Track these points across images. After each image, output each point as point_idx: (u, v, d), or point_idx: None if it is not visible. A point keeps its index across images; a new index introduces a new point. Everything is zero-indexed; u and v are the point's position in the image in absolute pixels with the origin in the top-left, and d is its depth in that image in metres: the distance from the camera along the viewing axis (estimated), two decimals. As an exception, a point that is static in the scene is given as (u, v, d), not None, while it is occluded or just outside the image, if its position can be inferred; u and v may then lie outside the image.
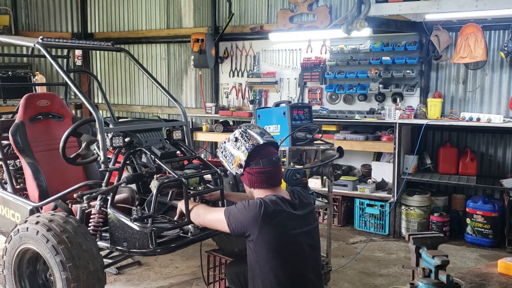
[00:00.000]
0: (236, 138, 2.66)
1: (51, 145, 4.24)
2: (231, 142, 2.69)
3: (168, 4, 7.80)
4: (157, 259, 4.67)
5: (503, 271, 2.15)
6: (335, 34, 6.09)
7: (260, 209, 2.43)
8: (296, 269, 2.51)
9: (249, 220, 2.43)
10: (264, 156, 2.58)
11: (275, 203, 2.48)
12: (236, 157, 2.62)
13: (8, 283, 3.36)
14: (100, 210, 3.38)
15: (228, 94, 7.34)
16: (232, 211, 2.53)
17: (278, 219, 2.45)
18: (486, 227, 5.20)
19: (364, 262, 4.75)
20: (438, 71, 5.89)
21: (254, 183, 2.59)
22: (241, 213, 2.48)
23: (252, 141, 2.59)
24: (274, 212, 2.45)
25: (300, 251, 2.53)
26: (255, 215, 2.43)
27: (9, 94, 6.47)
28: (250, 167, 2.58)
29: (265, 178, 2.58)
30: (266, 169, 2.57)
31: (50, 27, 8.53)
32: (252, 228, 2.43)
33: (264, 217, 2.42)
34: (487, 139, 5.72)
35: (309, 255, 2.57)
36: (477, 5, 4.51)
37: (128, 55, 4.51)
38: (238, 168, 2.61)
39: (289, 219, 2.50)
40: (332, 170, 3.68)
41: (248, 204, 2.50)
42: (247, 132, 2.65)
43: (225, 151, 2.71)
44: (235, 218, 2.49)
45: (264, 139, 2.62)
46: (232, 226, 2.50)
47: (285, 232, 2.47)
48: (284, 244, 2.47)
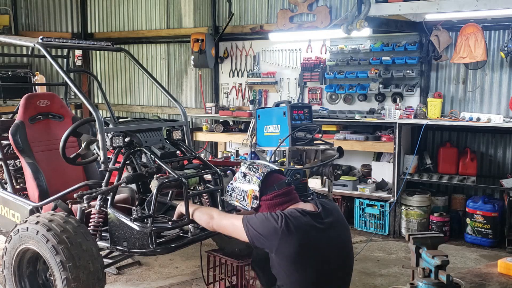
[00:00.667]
0: (244, 173, 2.67)
1: (51, 145, 4.24)
2: (238, 180, 2.70)
3: (168, 4, 7.80)
4: (157, 259, 4.67)
5: (503, 271, 2.15)
6: (335, 34, 6.09)
7: (281, 222, 2.39)
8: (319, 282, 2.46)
9: (269, 232, 2.40)
10: (276, 181, 2.62)
11: (295, 216, 2.44)
12: (249, 190, 2.62)
13: (8, 283, 3.36)
14: (100, 210, 3.39)
15: (228, 94, 7.34)
16: (251, 221, 2.49)
17: (299, 231, 2.40)
18: (486, 227, 5.19)
19: (364, 262, 4.75)
20: (438, 71, 5.89)
21: (273, 207, 2.58)
22: (261, 224, 2.44)
23: (261, 170, 2.62)
24: (294, 224, 2.40)
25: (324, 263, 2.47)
26: (275, 228, 2.39)
27: (9, 94, 6.48)
28: (266, 195, 2.59)
29: (283, 199, 2.58)
30: (282, 191, 2.59)
31: (50, 27, 8.53)
32: (272, 241, 2.39)
33: (284, 229, 2.38)
34: (487, 139, 5.72)
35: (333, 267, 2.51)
36: (477, 5, 4.51)
37: (128, 55, 4.51)
38: (253, 200, 2.60)
39: (310, 231, 2.44)
40: (332, 170, 3.68)
41: (269, 215, 2.46)
42: (254, 165, 2.69)
43: (234, 191, 2.72)
44: (254, 229, 2.45)
45: (271, 167, 2.67)
46: (250, 236, 2.47)
47: (306, 244, 2.41)
48: (306, 257, 2.42)
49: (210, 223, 2.80)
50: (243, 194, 2.64)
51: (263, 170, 2.62)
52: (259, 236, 2.43)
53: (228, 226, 2.66)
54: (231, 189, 2.75)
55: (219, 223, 2.73)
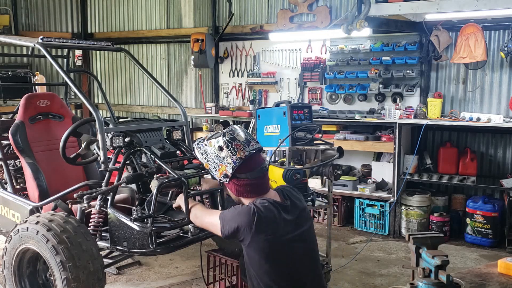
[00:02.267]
0: (220, 147, 2.46)
1: (51, 145, 4.24)
2: (213, 148, 2.49)
3: (168, 4, 7.81)
4: (157, 259, 4.67)
5: (503, 271, 2.15)
6: (335, 34, 6.09)
7: (253, 216, 2.36)
8: (291, 275, 2.47)
9: (242, 225, 2.38)
10: (252, 168, 2.46)
11: (267, 208, 2.41)
12: (221, 166, 2.48)
13: (8, 283, 3.36)
14: (100, 210, 3.39)
15: (228, 94, 7.34)
16: (226, 217, 2.47)
17: (270, 225, 2.39)
18: (486, 227, 5.19)
19: (364, 262, 4.75)
20: (438, 71, 5.89)
21: (241, 193, 2.51)
22: (234, 218, 2.43)
23: (239, 153, 2.43)
24: (267, 218, 2.39)
25: (294, 256, 2.47)
26: (248, 221, 2.37)
27: (9, 94, 6.49)
28: (237, 179, 2.47)
29: (253, 189, 2.50)
30: (254, 181, 2.48)
31: (50, 27, 8.54)
32: (245, 234, 2.38)
33: (257, 223, 2.36)
34: (487, 139, 5.72)
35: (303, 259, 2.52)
36: (477, 5, 4.51)
37: (128, 55, 4.51)
38: (223, 177, 2.50)
39: (281, 224, 2.43)
40: (332, 170, 3.68)
41: (241, 209, 2.44)
42: (234, 142, 2.45)
43: (206, 155, 2.54)
44: (228, 223, 2.44)
45: (251, 147, 2.47)
46: (225, 231, 2.45)
47: (277, 238, 2.41)
48: (277, 251, 2.42)
49: (196, 222, 2.83)
50: (215, 165, 2.50)
51: (240, 155, 2.42)
52: (232, 230, 2.42)
53: (208, 223, 2.66)
54: (204, 150, 2.55)
55: (201, 222, 2.75)
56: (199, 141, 2.60)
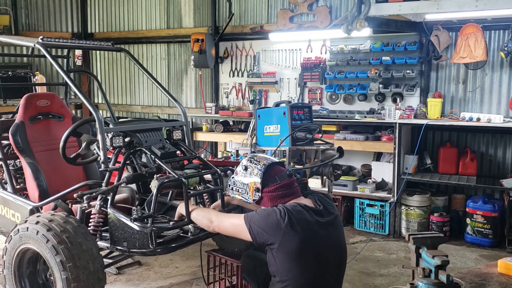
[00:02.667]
0: (245, 166, 2.67)
1: (51, 145, 4.24)
2: (240, 173, 2.71)
3: (168, 4, 7.80)
4: (157, 259, 4.67)
5: (503, 271, 2.15)
6: (335, 34, 6.09)
7: (284, 217, 2.39)
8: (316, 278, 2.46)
9: (272, 228, 2.39)
10: (279, 171, 2.63)
11: (298, 211, 2.45)
12: (250, 183, 2.62)
13: (8, 283, 3.36)
14: (100, 210, 3.39)
15: (228, 94, 7.33)
16: (254, 218, 2.48)
17: (301, 226, 2.41)
18: (486, 227, 5.19)
19: (364, 262, 4.75)
20: (438, 71, 5.89)
21: (276, 199, 2.58)
22: (264, 220, 2.43)
23: (262, 162, 2.62)
24: (297, 219, 2.41)
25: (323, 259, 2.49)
26: (278, 223, 2.39)
27: (9, 94, 6.49)
28: (268, 187, 2.59)
29: (286, 191, 2.58)
30: (284, 182, 2.59)
31: (50, 27, 8.53)
32: (275, 236, 2.39)
33: (288, 224, 2.38)
34: (487, 139, 5.72)
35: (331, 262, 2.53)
36: (477, 5, 4.51)
37: (128, 55, 4.51)
38: (255, 193, 2.60)
39: (312, 226, 2.45)
40: (332, 170, 3.68)
41: (271, 210, 2.46)
42: (255, 157, 2.69)
43: (236, 185, 2.72)
44: (257, 226, 2.44)
45: (271, 159, 2.68)
46: (254, 234, 2.45)
47: (308, 240, 2.42)
48: (307, 252, 2.43)
49: (211, 226, 2.79)
50: (245, 187, 2.64)
51: (264, 162, 2.63)
52: (262, 232, 2.42)
53: (229, 226, 2.65)
54: (233, 182, 2.76)
55: (220, 225, 2.72)
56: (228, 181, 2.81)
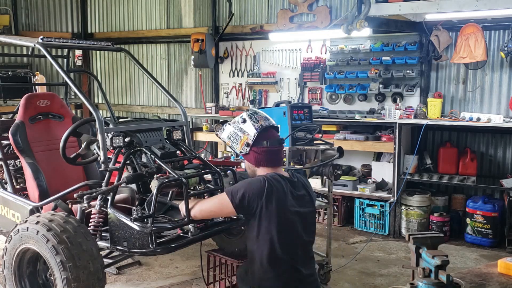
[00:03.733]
0: (244, 119, 2.76)
1: (51, 145, 4.24)
2: (237, 123, 2.79)
3: (168, 4, 7.81)
4: (157, 259, 4.67)
5: (503, 271, 2.15)
6: (335, 34, 6.09)
7: (264, 184, 2.57)
8: (289, 244, 2.63)
9: (255, 193, 2.56)
10: (271, 136, 2.75)
11: (277, 180, 2.62)
12: (243, 136, 2.73)
13: (8, 283, 3.36)
14: (100, 210, 3.38)
15: (228, 94, 7.34)
16: (235, 189, 2.63)
17: (279, 194, 2.59)
18: (486, 227, 5.20)
19: (364, 262, 4.75)
20: (438, 71, 5.89)
21: (260, 161, 2.73)
22: (245, 188, 2.59)
23: (260, 122, 2.73)
24: (277, 187, 2.59)
25: (294, 228, 2.65)
26: (260, 189, 2.56)
27: (9, 94, 6.49)
28: (257, 147, 2.71)
29: (271, 157, 2.73)
30: (273, 149, 2.73)
31: (50, 27, 8.54)
32: (257, 201, 2.56)
33: (268, 191, 2.55)
34: (487, 139, 5.72)
35: (300, 234, 2.68)
36: (477, 5, 4.51)
37: (128, 55, 4.51)
38: (244, 147, 2.73)
39: (288, 195, 2.63)
40: (332, 170, 3.68)
41: (251, 180, 2.65)
42: (256, 115, 2.77)
43: (229, 132, 2.82)
44: (239, 194, 2.58)
45: (269, 122, 2.78)
46: (235, 203, 2.59)
47: (284, 207, 2.60)
48: (283, 219, 2.60)
49: (201, 213, 2.94)
50: (237, 138, 2.76)
51: (262, 123, 2.72)
52: (244, 199, 2.57)
53: (213, 205, 2.84)
54: (226, 128, 2.86)
55: (203, 209, 2.90)
56: (224, 125, 2.89)
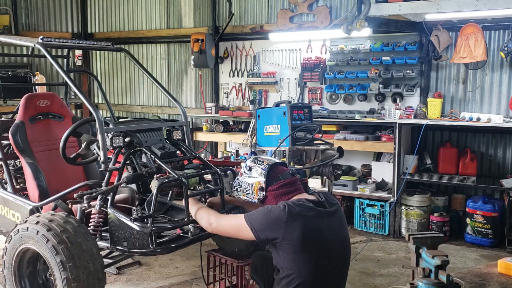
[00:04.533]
0: (249, 167, 2.76)
1: (51, 145, 4.24)
2: (244, 174, 2.79)
3: (168, 4, 7.80)
4: (157, 259, 4.67)
5: (503, 271, 2.15)
6: (335, 34, 6.09)
7: (284, 210, 2.44)
8: (321, 265, 2.48)
9: (274, 222, 2.43)
10: (281, 171, 2.71)
11: (299, 204, 2.49)
12: (255, 183, 2.70)
13: (8, 283, 3.36)
14: (100, 210, 3.38)
15: (228, 94, 7.33)
16: (254, 216, 2.52)
17: (302, 218, 2.45)
18: (486, 227, 5.19)
19: (364, 262, 4.75)
20: (438, 71, 5.89)
21: (280, 196, 2.65)
22: (265, 216, 2.47)
23: (265, 162, 2.71)
24: (298, 211, 2.46)
25: (326, 248, 2.51)
26: (279, 217, 2.43)
27: (9, 94, 6.48)
28: (272, 186, 2.66)
29: (289, 189, 2.66)
30: (287, 181, 2.68)
31: (50, 27, 8.53)
32: (277, 230, 2.43)
33: (289, 217, 2.42)
34: (487, 139, 5.72)
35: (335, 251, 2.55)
36: (477, 5, 4.51)
37: (128, 55, 4.50)
38: (260, 192, 2.68)
39: (313, 216, 2.49)
40: (332, 170, 3.68)
41: (270, 207, 2.51)
42: (258, 158, 2.78)
43: (241, 186, 2.80)
44: (259, 223, 2.47)
45: (274, 160, 2.77)
46: (256, 231, 2.48)
47: (309, 230, 2.45)
48: (310, 243, 2.46)
49: (209, 228, 2.82)
50: (249, 187, 2.72)
51: (267, 163, 2.71)
52: (264, 229, 2.46)
53: (229, 228, 2.70)
54: (238, 184, 2.83)
55: (219, 227, 2.75)
56: (233, 183, 2.89)
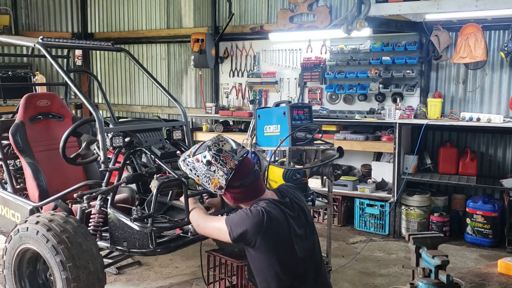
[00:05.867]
0: (209, 161, 2.45)
1: (51, 145, 4.24)
2: (201, 164, 2.48)
3: (168, 4, 7.81)
4: (157, 259, 4.67)
5: (503, 271, 2.15)
6: (335, 34, 6.09)
7: (263, 217, 2.38)
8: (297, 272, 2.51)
9: (252, 227, 2.38)
10: (245, 175, 2.47)
11: (272, 208, 2.43)
12: (214, 179, 2.47)
13: (8, 283, 3.36)
14: (100, 210, 3.39)
15: (228, 94, 7.34)
16: (233, 220, 2.47)
17: (280, 225, 2.42)
18: (486, 227, 5.19)
19: (364, 262, 4.75)
20: (438, 71, 5.89)
21: (239, 200, 2.52)
22: (244, 221, 2.42)
23: (229, 164, 2.43)
24: (276, 218, 2.41)
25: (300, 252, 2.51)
26: (259, 224, 2.38)
27: (9, 94, 6.49)
28: (232, 188, 2.47)
29: (250, 194, 2.51)
30: (250, 186, 2.49)
31: (50, 27, 8.54)
32: (255, 236, 2.40)
33: (267, 225, 2.38)
34: (487, 139, 5.72)
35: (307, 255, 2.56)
36: (477, 5, 4.51)
37: (128, 55, 4.51)
38: (218, 189, 2.50)
39: (288, 222, 2.47)
40: (332, 170, 3.68)
41: (250, 212, 2.43)
42: (221, 154, 2.45)
43: (196, 170, 2.52)
44: (237, 227, 2.43)
45: (238, 155, 2.47)
46: (233, 236, 2.44)
47: (286, 237, 2.45)
48: (286, 249, 2.46)
49: (197, 230, 2.79)
50: (207, 179, 2.49)
51: (231, 166, 2.42)
52: (242, 233, 2.41)
53: (212, 230, 2.64)
54: (192, 167, 2.53)
55: (204, 229, 2.71)
56: (185, 158, 2.59)
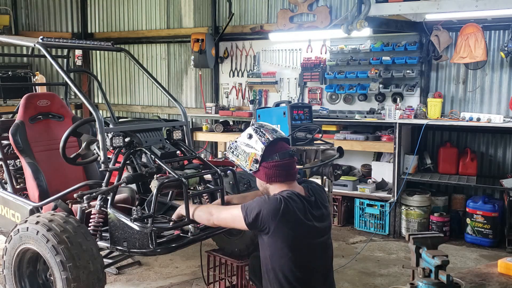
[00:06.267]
0: (250, 134, 2.64)
1: (51, 145, 4.24)
2: (243, 139, 2.67)
3: (168, 4, 7.81)
4: (157, 259, 4.67)
5: (503, 271, 2.15)
6: (335, 34, 6.09)
7: (280, 204, 2.44)
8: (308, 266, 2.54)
9: (269, 213, 2.44)
10: (280, 150, 2.60)
11: (293, 199, 2.50)
12: (251, 153, 2.61)
13: (8, 283, 3.36)
14: (100, 210, 3.38)
15: (228, 94, 7.34)
16: (250, 206, 2.53)
17: (296, 215, 2.47)
18: (486, 227, 5.20)
19: (364, 262, 4.75)
20: (438, 71, 5.89)
21: (271, 177, 2.60)
22: (261, 206, 2.47)
23: (267, 135, 2.60)
24: (293, 208, 2.47)
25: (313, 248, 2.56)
26: (275, 209, 2.44)
27: (9, 94, 6.48)
28: (267, 162, 2.58)
29: (282, 172, 2.59)
30: (283, 162, 2.59)
31: (50, 27, 8.53)
32: (270, 222, 2.45)
33: (284, 212, 2.43)
34: (487, 139, 5.72)
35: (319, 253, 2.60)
36: (477, 5, 4.51)
37: (128, 55, 4.50)
38: (253, 164, 2.61)
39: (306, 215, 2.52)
40: (332, 170, 3.68)
41: (268, 198, 2.52)
42: (261, 128, 2.65)
43: (237, 150, 2.71)
44: (253, 211, 2.48)
45: (278, 134, 2.65)
46: (248, 221, 2.49)
47: (301, 228, 2.49)
48: (300, 240, 2.50)
49: (211, 220, 2.83)
50: (245, 155, 2.65)
51: (268, 136, 2.60)
52: (258, 218, 2.46)
53: (227, 217, 2.70)
54: (234, 147, 2.73)
55: (219, 217, 2.77)
56: (230, 144, 2.77)
